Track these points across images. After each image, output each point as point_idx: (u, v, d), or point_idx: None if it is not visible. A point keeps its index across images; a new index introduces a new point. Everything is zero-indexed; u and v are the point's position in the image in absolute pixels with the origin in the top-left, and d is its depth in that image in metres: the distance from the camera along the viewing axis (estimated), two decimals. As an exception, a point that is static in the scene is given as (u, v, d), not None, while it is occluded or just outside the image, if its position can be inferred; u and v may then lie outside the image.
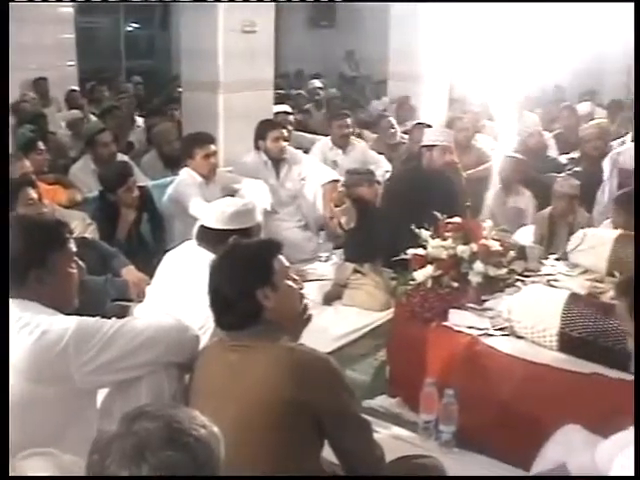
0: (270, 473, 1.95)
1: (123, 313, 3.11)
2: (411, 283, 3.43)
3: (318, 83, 11.26)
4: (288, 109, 7.22)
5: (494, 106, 7.50)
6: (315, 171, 5.69)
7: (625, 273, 2.99)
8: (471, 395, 3.03)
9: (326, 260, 5.37)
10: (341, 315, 4.55)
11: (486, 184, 5.57)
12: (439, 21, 8.09)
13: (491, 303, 3.37)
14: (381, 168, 6.19)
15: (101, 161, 5.28)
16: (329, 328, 4.24)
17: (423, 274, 3.39)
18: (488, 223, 3.61)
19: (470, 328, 3.20)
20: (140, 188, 4.65)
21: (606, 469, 2.05)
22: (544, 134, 6.94)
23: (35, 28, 8.61)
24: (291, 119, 7.01)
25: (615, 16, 9.65)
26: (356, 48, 14.58)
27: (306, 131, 7.64)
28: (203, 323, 2.69)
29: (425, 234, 3.49)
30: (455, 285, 3.38)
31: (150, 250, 4.46)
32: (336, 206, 5.16)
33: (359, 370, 3.86)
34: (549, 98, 9.79)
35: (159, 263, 3.37)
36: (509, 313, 3.17)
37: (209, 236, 3.18)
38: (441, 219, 3.52)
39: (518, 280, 3.52)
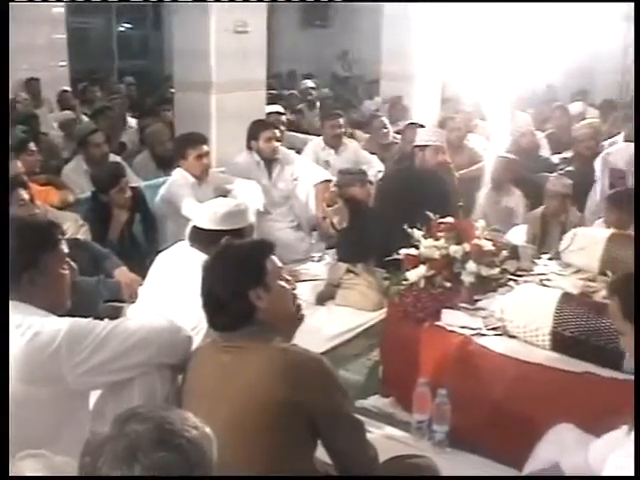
0: (264, 473, 1.95)
1: (116, 314, 3.10)
2: (404, 283, 3.43)
3: (311, 83, 11.26)
4: (281, 109, 7.20)
5: (486, 106, 7.51)
6: (307, 171, 5.68)
7: (617, 272, 2.99)
8: (464, 395, 3.03)
9: (319, 260, 5.36)
10: (334, 315, 4.54)
11: (478, 184, 5.58)
12: (432, 21, 8.09)
13: (484, 303, 3.37)
14: (373, 168, 6.18)
15: (93, 162, 5.27)
16: (322, 328, 4.24)
17: (416, 274, 3.39)
18: (481, 223, 3.61)
19: (463, 328, 3.20)
20: (132, 189, 4.64)
21: (599, 468, 2.05)
22: (536, 134, 6.96)
23: (27, 28, 8.55)
24: (283, 119, 7.00)
25: (607, 15, 9.70)
26: (349, 48, 14.58)
27: (298, 131, 7.64)
28: (196, 324, 2.69)
29: (418, 234, 3.48)
30: (448, 285, 3.38)
31: (142, 251, 4.45)
32: (328, 206, 5.15)
33: (352, 370, 3.86)
34: (541, 98, 9.81)
35: (151, 264, 3.36)
36: (502, 313, 3.17)
37: (202, 237, 3.17)
38: (434, 219, 3.51)
39: (511, 280, 3.52)
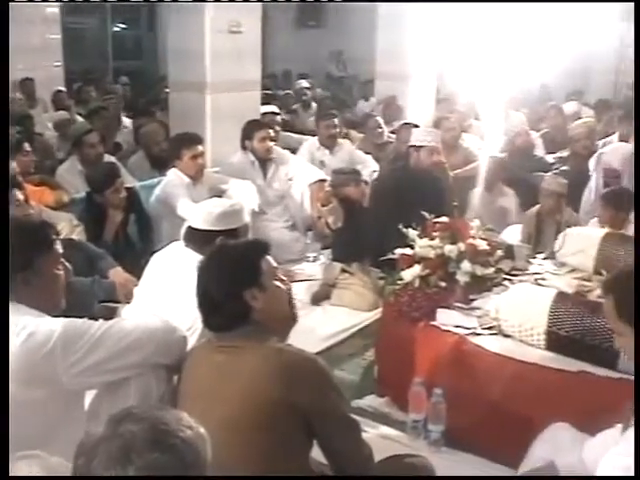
0: (259, 473, 1.94)
1: (110, 314, 3.10)
2: (399, 283, 3.42)
3: (305, 83, 11.25)
4: (275, 109, 7.20)
5: (481, 106, 7.53)
6: (302, 171, 5.68)
7: (612, 271, 3.00)
8: (459, 394, 3.03)
9: (314, 260, 5.37)
10: (329, 315, 4.54)
11: (473, 183, 5.59)
12: (426, 21, 8.10)
13: (479, 302, 3.37)
14: (368, 168, 6.18)
15: (88, 162, 5.25)
16: (317, 328, 4.24)
17: (411, 274, 3.39)
18: (475, 222, 3.61)
19: (458, 327, 3.20)
20: (127, 189, 4.62)
21: (593, 467, 2.05)
22: (531, 133, 6.97)
23: (21, 28, 8.51)
24: (278, 119, 7.00)
25: (601, 15, 9.72)
26: (343, 48, 14.57)
27: (293, 131, 7.64)
28: (191, 324, 2.69)
29: (413, 234, 3.49)
30: (443, 284, 3.38)
31: (137, 251, 4.44)
32: (323, 206, 5.16)
33: (348, 370, 3.86)
34: (536, 97, 9.83)
35: (147, 264, 3.36)
36: (497, 312, 3.17)
37: (196, 237, 3.17)
38: (429, 219, 3.52)
39: (505, 279, 3.53)
